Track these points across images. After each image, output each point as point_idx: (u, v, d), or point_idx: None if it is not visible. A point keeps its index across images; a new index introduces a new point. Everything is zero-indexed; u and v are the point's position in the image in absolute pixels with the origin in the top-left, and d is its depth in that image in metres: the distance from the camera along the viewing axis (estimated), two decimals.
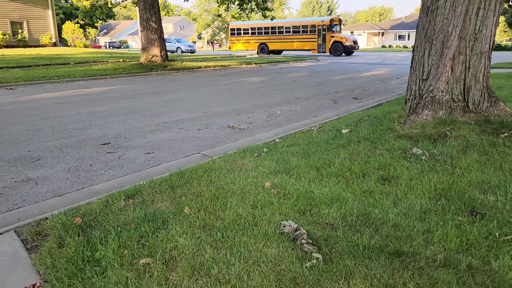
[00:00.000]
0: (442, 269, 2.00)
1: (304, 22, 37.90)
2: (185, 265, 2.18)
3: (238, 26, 41.59)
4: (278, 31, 38.17)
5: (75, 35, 44.13)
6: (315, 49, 35.90)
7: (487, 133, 4.33)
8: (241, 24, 41.18)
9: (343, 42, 34.21)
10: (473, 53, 4.77)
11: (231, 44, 43.57)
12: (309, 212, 2.78)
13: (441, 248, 2.21)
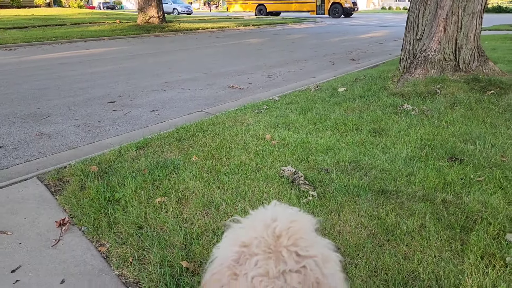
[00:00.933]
0: (420, 203, 2.31)
1: None
2: (196, 202, 2.49)
3: None
4: None
5: None
6: (314, 10, 35.30)
7: (475, 90, 4.58)
8: None
9: (342, 4, 33.62)
10: (465, 13, 4.94)
11: (229, 5, 42.81)
12: (306, 159, 3.07)
13: (421, 187, 2.52)
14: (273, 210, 0.83)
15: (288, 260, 0.74)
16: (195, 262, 1.99)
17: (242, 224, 0.82)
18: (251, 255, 0.75)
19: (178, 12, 43.35)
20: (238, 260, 0.76)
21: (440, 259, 1.84)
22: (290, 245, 0.75)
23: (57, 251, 2.23)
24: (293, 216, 0.83)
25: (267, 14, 37.87)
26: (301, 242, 0.76)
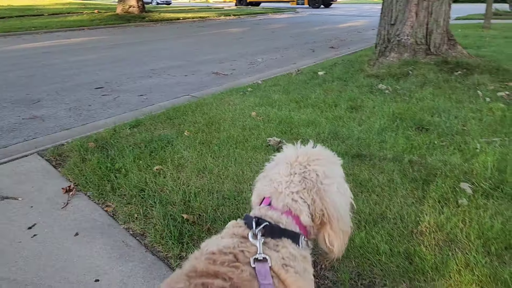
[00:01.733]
0: (390, 163, 2.63)
1: None
2: (191, 168, 2.76)
3: None
4: None
5: None
6: (294, 0, 35.53)
7: (444, 71, 4.94)
8: None
9: None
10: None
11: None
12: (289, 132, 3.36)
13: (391, 151, 2.84)
14: (306, 147, 1.19)
15: (296, 168, 1.10)
16: (194, 215, 2.26)
17: (284, 151, 1.21)
18: (277, 164, 1.15)
19: (157, 3, 42.96)
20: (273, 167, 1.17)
21: (405, 204, 2.17)
22: (304, 161, 1.11)
23: (67, 212, 2.47)
24: (318, 149, 1.18)
25: (247, 5, 37.84)
26: (312, 162, 1.11)
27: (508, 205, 2.11)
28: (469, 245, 1.82)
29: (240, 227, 1.04)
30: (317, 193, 1.07)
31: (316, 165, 1.11)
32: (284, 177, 1.10)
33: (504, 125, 3.31)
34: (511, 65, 5.48)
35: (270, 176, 1.13)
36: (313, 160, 1.12)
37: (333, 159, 1.18)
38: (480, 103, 3.92)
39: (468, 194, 2.23)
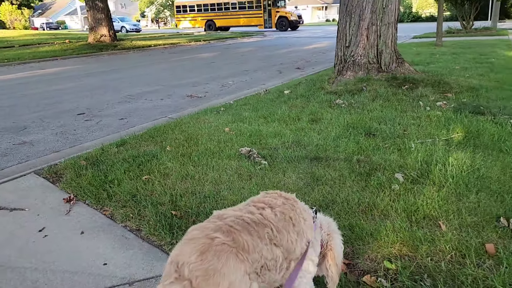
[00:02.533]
0: (342, 162, 3.19)
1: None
2: (176, 176, 3.24)
3: (184, 3, 41.27)
4: (224, 8, 38.45)
5: (13, 17, 42.15)
6: (262, 24, 36.63)
7: (393, 86, 5.63)
8: (187, 1, 40.91)
9: (288, 17, 35.31)
10: (382, 24, 6.02)
11: (177, 21, 43.33)
12: (259, 142, 3.89)
13: (343, 153, 3.41)
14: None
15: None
16: (181, 211, 2.73)
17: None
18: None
19: (126, 30, 43.47)
20: None
21: (351, 191, 2.71)
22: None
23: (70, 216, 2.89)
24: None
25: (216, 29, 38.81)
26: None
27: (429, 188, 2.69)
28: (396, 217, 2.37)
29: None
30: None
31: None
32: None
33: (437, 128, 3.95)
34: (451, 78, 6.25)
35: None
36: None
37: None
38: (421, 111, 4.58)
39: (400, 181, 2.80)
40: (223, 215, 1.37)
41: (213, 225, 1.30)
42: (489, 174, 2.87)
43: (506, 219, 2.26)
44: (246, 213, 1.37)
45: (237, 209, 1.42)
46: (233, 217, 1.34)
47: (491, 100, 5.04)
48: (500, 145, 3.42)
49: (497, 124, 3.97)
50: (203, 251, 1.18)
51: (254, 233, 1.29)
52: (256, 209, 1.41)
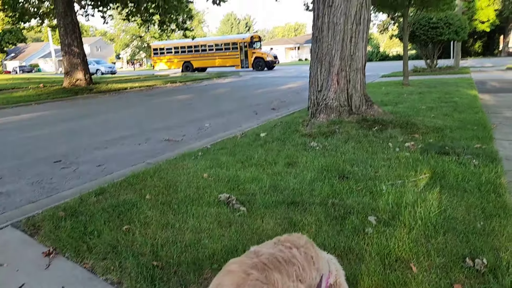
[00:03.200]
0: (317, 206, 3.32)
1: (226, 39, 39.42)
2: (156, 224, 3.29)
3: (161, 45, 41.90)
4: (201, 49, 39.26)
5: None
6: (239, 65, 37.53)
7: (363, 128, 5.89)
8: (163, 43, 41.56)
9: (264, 58, 36.35)
10: (351, 70, 6.37)
11: (154, 63, 43.85)
12: (237, 188, 4.00)
13: (319, 197, 3.55)
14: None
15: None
16: (163, 262, 2.77)
17: None
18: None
19: (101, 73, 43.66)
20: None
21: (327, 236, 2.83)
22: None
23: (50, 271, 2.88)
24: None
25: (193, 70, 39.40)
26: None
27: (400, 230, 2.84)
28: (371, 261, 2.48)
29: None
30: None
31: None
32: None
33: (406, 170, 4.16)
34: (418, 119, 6.59)
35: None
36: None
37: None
38: (391, 153, 4.81)
39: (373, 224, 2.94)
40: (259, 252, 1.56)
41: (250, 261, 1.49)
42: (455, 215, 3.05)
43: (472, 259, 2.41)
44: (278, 252, 1.56)
45: (270, 247, 1.62)
46: (267, 255, 1.53)
47: (455, 140, 5.34)
48: (464, 185, 3.63)
49: (461, 164, 4.21)
50: (239, 284, 1.38)
51: (284, 271, 1.48)
52: (285, 248, 1.60)
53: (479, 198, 3.35)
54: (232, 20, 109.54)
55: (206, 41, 41.22)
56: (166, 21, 24.61)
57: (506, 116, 7.49)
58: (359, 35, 6.27)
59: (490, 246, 2.59)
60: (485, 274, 2.31)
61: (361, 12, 6.32)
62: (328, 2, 6.26)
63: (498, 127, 6.48)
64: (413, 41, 21.20)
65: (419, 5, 14.07)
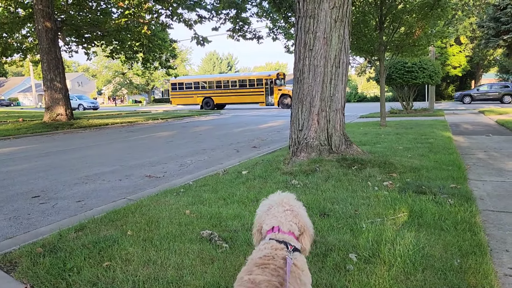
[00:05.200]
0: None
1: (251, 76, 38.69)
2: (138, 261, 3.26)
3: (180, 81, 40.95)
4: (223, 85, 38.63)
5: None
6: (263, 102, 36.55)
7: (343, 167, 6.04)
8: (184, 78, 40.69)
9: (291, 95, 35.76)
10: (331, 110, 6.59)
11: (172, 99, 42.63)
12: (219, 225, 4.02)
13: None
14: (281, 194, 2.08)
15: (285, 206, 1.96)
16: None
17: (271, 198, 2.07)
18: (272, 206, 2.01)
19: (84, 108, 43.50)
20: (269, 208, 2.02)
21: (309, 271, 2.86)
22: (285, 203, 1.98)
23: None
24: (286, 194, 2.06)
25: (214, 107, 38.68)
26: (289, 202, 1.99)
27: (380, 267, 2.90)
28: None
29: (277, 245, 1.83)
30: (298, 218, 1.98)
31: (292, 204, 2.02)
32: (282, 213, 1.96)
33: (385, 208, 4.27)
34: (395, 159, 6.79)
35: (273, 214, 1.96)
36: (288, 201, 2.01)
37: (297, 201, 2.07)
38: (370, 191, 4.94)
39: (354, 261, 3.00)
40: (254, 280, 1.63)
41: None
42: (433, 252, 3.14)
43: None
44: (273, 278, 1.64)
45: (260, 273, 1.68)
46: (266, 283, 1.61)
47: (432, 179, 5.52)
48: (441, 223, 3.75)
49: (438, 203, 4.35)
50: None
51: None
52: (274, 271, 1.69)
53: (455, 236, 3.46)
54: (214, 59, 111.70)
55: (229, 77, 40.64)
56: (149, 59, 24.97)
57: (479, 158, 7.78)
58: (338, 77, 6.54)
59: (467, 284, 2.68)
60: None
61: (340, 55, 6.62)
62: (309, 46, 6.56)
63: (471, 168, 6.73)
64: (389, 83, 22.02)
65: (394, 50, 14.76)
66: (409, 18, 13.24)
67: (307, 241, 2.01)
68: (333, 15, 6.43)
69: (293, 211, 1.99)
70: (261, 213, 2.02)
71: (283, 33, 21.10)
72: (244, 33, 21.23)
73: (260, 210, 2.05)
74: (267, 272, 1.66)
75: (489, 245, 3.45)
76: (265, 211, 2.00)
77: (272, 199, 2.03)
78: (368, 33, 13.89)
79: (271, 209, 1.99)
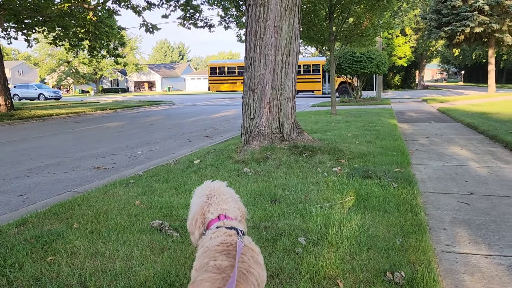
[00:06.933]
0: (250, 229, 3.40)
1: (306, 61, 34.11)
2: (84, 254, 3.16)
3: (222, 64, 36.95)
4: None
5: None
6: (319, 90, 32.92)
7: (294, 154, 6.14)
8: (225, 62, 36.56)
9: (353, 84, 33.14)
10: (282, 98, 6.66)
11: (211, 84, 38.18)
12: (170, 214, 3.97)
13: (252, 220, 3.63)
14: (214, 182, 2.08)
15: (226, 195, 2.01)
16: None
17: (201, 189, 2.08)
18: (211, 196, 2.00)
19: (45, 98, 41.20)
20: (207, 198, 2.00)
21: None
22: (221, 192, 2.01)
23: None
24: (219, 183, 2.06)
25: None
26: (226, 190, 2.03)
27: (327, 249, 3.00)
28: (300, 279, 2.59)
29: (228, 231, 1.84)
30: (239, 204, 2.03)
31: (229, 191, 2.04)
32: (225, 201, 1.97)
33: (334, 193, 4.40)
34: (344, 146, 7.00)
35: (217, 202, 1.97)
36: (225, 189, 2.03)
37: (230, 189, 2.09)
38: (320, 177, 5.06)
39: (303, 245, 3.08)
40: (221, 266, 1.61)
41: (219, 277, 1.55)
42: (377, 233, 3.28)
43: (391, 273, 2.61)
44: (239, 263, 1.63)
45: (225, 258, 1.66)
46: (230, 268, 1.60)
47: (378, 165, 5.74)
48: (385, 205, 3.92)
49: (382, 187, 4.55)
50: None
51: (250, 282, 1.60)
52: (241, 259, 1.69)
53: (398, 217, 3.64)
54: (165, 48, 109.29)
55: None
56: (96, 46, 23.96)
57: (422, 143, 8.19)
58: (289, 66, 6.61)
59: (408, 260, 2.82)
60: (403, 287, 2.50)
61: (291, 44, 6.69)
62: (259, 34, 6.56)
63: (414, 153, 7.07)
64: (339, 73, 22.58)
65: (344, 40, 15.13)
66: (357, 9, 13.60)
67: (245, 225, 2.08)
68: (283, 4, 6.47)
69: (233, 198, 2.03)
70: (201, 204, 2.01)
71: (235, 22, 20.95)
72: (195, 21, 20.87)
73: (198, 201, 2.03)
74: (231, 258, 1.68)
75: (429, 224, 3.65)
76: (205, 201, 2.00)
77: (209, 189, 2.03)
78: (319, 23, 14.12)
79: (212, 198, 1.99)
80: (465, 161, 6.34)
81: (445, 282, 2.67)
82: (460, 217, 3.87)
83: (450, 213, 3.97)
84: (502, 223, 3.69)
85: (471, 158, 6.57)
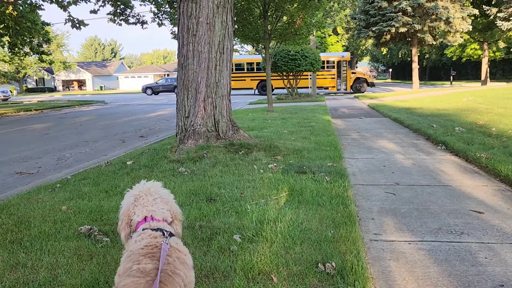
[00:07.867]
0: (185, 230, 3.32)
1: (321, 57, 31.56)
2: (3, 266, 2.91)
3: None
4: None
5: None
6: (334, 86, 31.80)
7: (231, 152, 6.12)
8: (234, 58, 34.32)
9: (368, 79, 32.13)
10: (217, 96, 6.61)
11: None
12: (100, 219, 3.78)
13: (186, 221, 3.55)
14: (146, 183, 2.01)
15: (154, 195, 1.94)
16: None
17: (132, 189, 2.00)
18: (140, 197, 1.93)
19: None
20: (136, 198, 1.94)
21: (194, 258, 2.82)
22: (153, 192, 1.95)
23: None
24: (151, 184, 2.00)
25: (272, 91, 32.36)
26: (156, 191, 1.97)
27: (262, 245, 3.01)
28: (235, 277, 2.58)
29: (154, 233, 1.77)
30: (169, 205, 1.97)
31: (159, 192, 1.97)
32: (152, 202, 1.91)
33: (269, 189, 4.44)
34: (280, 142, 7.11)
35: (143, 204, 1.91)
36: (155, 189, 1.97)
37: (164, 189, 2.04)
38: (255, 174, 5.09)
39: (238, 242, 3.07)
40: (145, 269, 1.55)
41: (143, 280, 1.49)
42: (310, 226, 3.35)
43: (323, 265, 2.67)
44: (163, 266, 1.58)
45: (149, 262, 1.60)
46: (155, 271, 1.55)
47: (312, 160, 5.89)
48: (318, 199, 4.02)
49: (316, 181, 4.66)
50: None
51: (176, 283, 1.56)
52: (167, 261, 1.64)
53: (330, 210, 3.75)
54: (96, 45, 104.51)
55: None
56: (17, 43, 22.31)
57: (353, 138, 8.54)
58: (223, 63, 6.57)
59: (339, 251, 2.91)
60: (334, 276, 2.58)
61: (224, 42, 6.65)
62: (192, 31, 6.46)
63: (346, 147, 7.35)
64: (275, 70, 22.92)
65: (278, 39, 15.36)
66: (290, 7, 13.85)
67: (179, 226, 2.03)
68: (215, 1, 6.41)
69: (163, 199, 1.97)
70: (127, 205, 1.94)
71: (169, 19, 20.43)
72: (127, 17, 20.06)
73: (126, 202, 1.97)
74: (156, 260, 1.62)
75: (358, 215, 3.81)
76: (132, 202, 1.93)
77: (138, 190, 1.97)
78: (253, 21, 14.20)
79: (140, 199, 1.93)
80: (392, 153, 6.70)
81: (373, 269, 2.79)
82: (387, 206, 4.08)
83: (378, 204, 4.17)
84: (424, 210, 3.93)
85: (398, 150, 6.96)
